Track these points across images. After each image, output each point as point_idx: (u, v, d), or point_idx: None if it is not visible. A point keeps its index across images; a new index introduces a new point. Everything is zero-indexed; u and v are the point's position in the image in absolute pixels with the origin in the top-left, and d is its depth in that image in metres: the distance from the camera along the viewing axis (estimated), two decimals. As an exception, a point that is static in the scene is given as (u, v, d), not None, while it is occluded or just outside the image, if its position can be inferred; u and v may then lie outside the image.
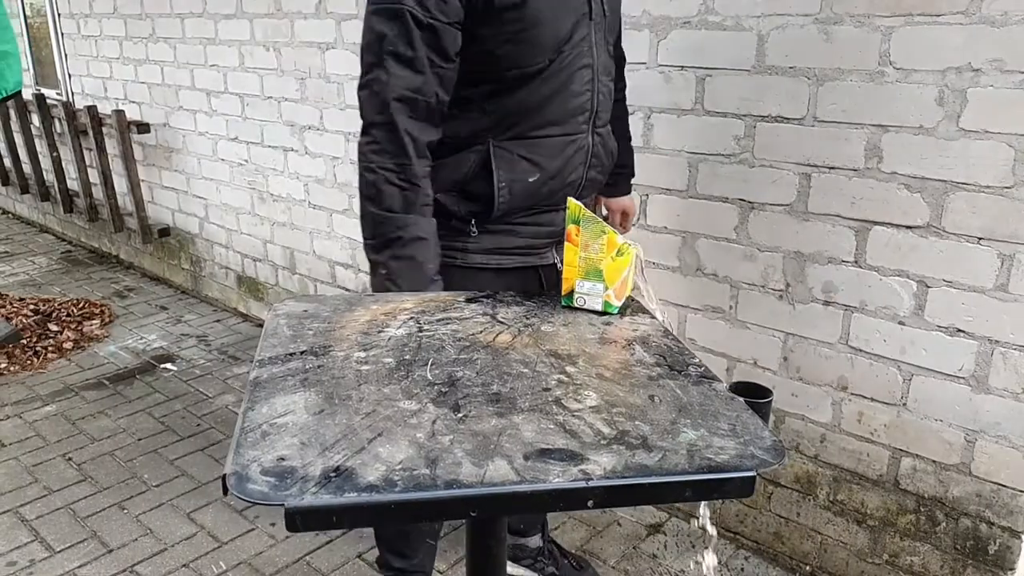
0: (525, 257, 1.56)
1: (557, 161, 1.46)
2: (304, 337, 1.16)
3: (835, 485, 1.97)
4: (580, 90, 1.45)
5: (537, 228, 1.54)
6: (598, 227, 1.27)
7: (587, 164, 1.52)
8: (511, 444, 0.84)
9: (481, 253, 1.51)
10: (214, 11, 3.35)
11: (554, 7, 1.37)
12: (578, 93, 1.45)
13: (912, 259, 1.72)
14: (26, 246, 5.09)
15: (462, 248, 1.50)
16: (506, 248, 1.53)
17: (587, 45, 1.44)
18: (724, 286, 2.05)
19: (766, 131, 1.87)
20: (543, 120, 1.43)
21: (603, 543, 2.21)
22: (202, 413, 2.91)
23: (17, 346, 3.44)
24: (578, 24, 1.41)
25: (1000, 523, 1.73)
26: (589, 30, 1.43)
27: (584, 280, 1.28)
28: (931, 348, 1.74)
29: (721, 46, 1.90)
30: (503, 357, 1.09)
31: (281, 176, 3.35)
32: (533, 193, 1.47)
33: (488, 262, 1.52)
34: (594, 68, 1.46)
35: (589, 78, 1.45)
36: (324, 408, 0.92)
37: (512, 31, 1.34)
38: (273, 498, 0.74)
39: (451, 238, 1.50)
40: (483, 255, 1.51)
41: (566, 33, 1.39)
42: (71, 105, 4.44)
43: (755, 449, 0.84)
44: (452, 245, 1.50)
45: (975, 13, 1.53)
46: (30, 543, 2.18)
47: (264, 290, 3.70)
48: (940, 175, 1.65)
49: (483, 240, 1.50)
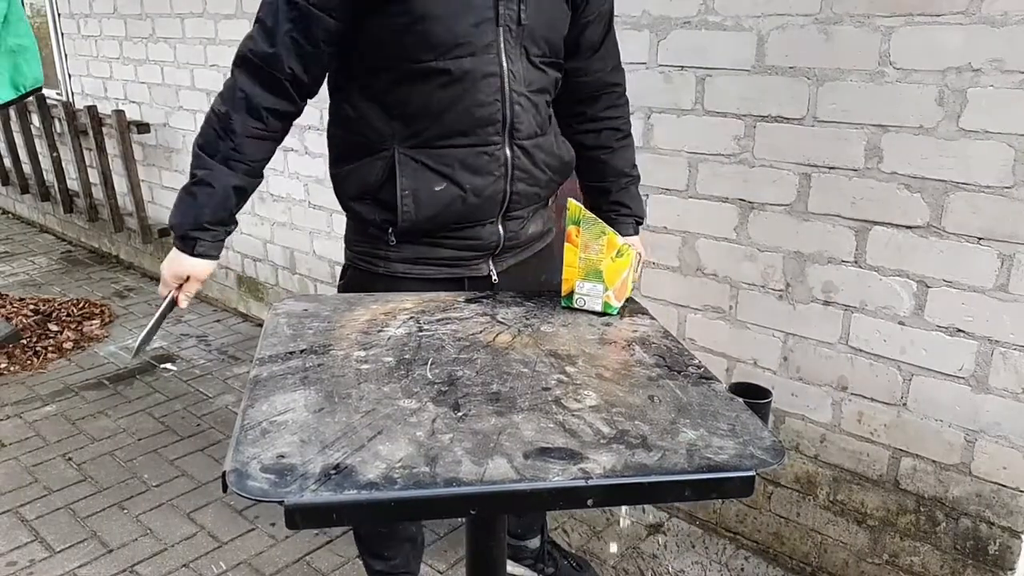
0: (452, 268, 1.51)
1: (466, 173, 1.41)
2: (304, 336, 1.16)
3: (835, 485, 1.97)
4: (486, 100, 1.38)
5: (463, 241, 1.49)
6: (598, 228, 1.27)
7: (508, 178, 1.44)
8: (511, 443, 0.84)
9: (403, 263, 1.49)
10: (214, 11, 3.35)
11: (448, 5, 1.32)
12: (484, 103, 1.38)
13: (912, 259, 1.72)
14: (26, 246, 5.09)
15: (384, 256, 1.49)
16: (429, 259, 1.49)
17: (493, 52, 1.36)
18: (724, 286, 2.05)
19: (766, 131, 1.88)
20: (447, 129, 1.39)
21: (603, 543, 2.20)
22: (202, 413, 2.91)
23: (17, 346, 3.44)
24: (480, 28, 1.34)
25: (1000, 523, 1.73)
26: (497, 37, 1.36)
27: (584, 281, 1.28)
28: (931, 348, 1.74)
29: (721, 46, 1.90)
30: (503, 357, 1.09)
31: (281, 176, 3.35)
32: (447, 206, 1.42)
33: (410, 271, 1.50)
34: (503, 77, 1.38)
35: (497, 87, 1.38)
36: (324, 406, 0.93)
37: (400, 23, 1.32)
38: (273, 495, 0.74)
39: (372, 245, 1.50)
40: (405, 264, 1.49)
41: (462, 34, 1.33)
42: (71, 105, 4.44)
43: (754, 449, 0.84)
44: (374, 252, 1.50)
45: (975, 13, 1.53)
46: (30, 543, 2.18)
47: (264, 290, 3.70)
48: (940, 175, 1.65)
49: (403, 249, 1.48)
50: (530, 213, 1.57)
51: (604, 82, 1.59)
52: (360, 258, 1.54)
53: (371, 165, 1.43)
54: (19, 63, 2.96)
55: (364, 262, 1.53)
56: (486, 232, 1.49)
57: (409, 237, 1.47)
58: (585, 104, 1.59)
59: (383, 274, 1.50)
